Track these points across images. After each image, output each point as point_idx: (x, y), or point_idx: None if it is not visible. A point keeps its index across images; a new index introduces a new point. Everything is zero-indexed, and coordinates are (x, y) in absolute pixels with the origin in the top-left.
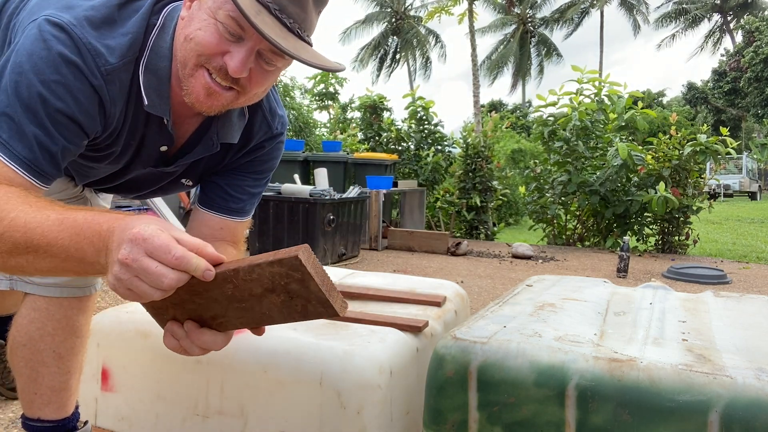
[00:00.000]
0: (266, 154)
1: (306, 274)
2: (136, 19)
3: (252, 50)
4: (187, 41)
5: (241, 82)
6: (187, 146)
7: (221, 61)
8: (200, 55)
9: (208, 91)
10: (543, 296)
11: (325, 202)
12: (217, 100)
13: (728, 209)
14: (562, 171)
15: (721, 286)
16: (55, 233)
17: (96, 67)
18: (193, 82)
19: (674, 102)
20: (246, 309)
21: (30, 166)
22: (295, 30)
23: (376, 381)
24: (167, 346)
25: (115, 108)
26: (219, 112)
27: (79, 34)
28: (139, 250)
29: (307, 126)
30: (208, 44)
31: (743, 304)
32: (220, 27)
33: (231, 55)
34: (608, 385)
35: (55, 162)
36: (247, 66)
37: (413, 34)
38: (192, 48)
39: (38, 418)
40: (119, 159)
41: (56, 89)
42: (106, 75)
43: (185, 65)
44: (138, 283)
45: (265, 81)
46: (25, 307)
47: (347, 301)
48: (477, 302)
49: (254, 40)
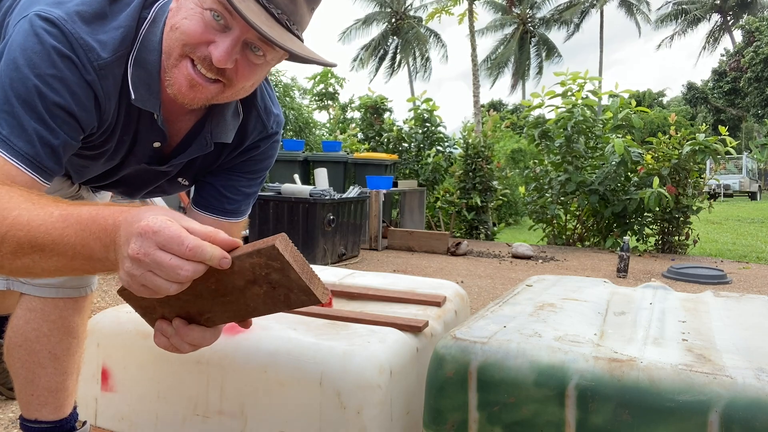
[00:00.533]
0: (261, 153)
1: (285, 263)
2: (127, 14)
3: (238, 40)
4: (173, 30)
5: (228, 74)
6: (181, 146)
7: (206, 50)
8: (185, 44)
9: (191, 82)
10: (543, 296)
11: (325, 202)
12: (200, 92)
13: (728, 209)
14: (561, 171)
15: (721, 286)
16: (60, 230)
17: (89, 62)
18: (176, 72)
19: (674, 102)
20: (231, 302)
21: (32, 161)
22: (283, 21)
23: (376, 381)
24: (158, 344)
25: (109, 104)
26: (203, 105)
27: (70, 29)
28: (150, 243)
29: (307, 126)
30: (193, 33)
31: (743, 304)
32: (206, 15)
33: (216, 45)
34: (608, 385)
35: (57, 157)
36: (232, 56)
37: (413, 34)
38: (177, 37)
39: (36, 419)
40: (114, 156)
41: (53, 83)
42: (99, 70)
43: (170, 55)
44: (152, 277)
45: (252, 74)
46: (21, 308)
47: (347, 301)
48: (477, 302)
49: (240, 29)
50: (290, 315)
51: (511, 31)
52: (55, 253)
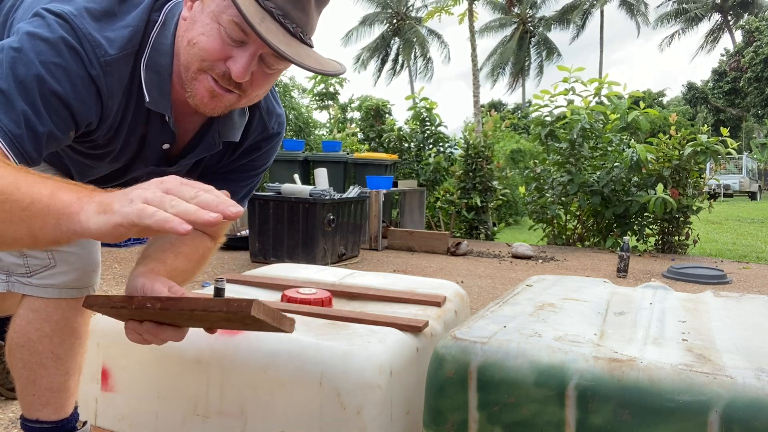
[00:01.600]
0: (263, 154)
1: (258, 320)
2: (136, 14)
3: (254, 55)
4: (191, 46)
5: (243, 85)
6: (190, 146)
7: (224, 66)
8: (204, 60)
9: (212, 94)
10: (543, 296)
11: (325, 202)
12: (220, 102)
13: (728, 209)
14: (563, 171)
15: (721, 286)
16: (31, 183)
17: (95, 57)
18: (197, 85)
19: (674, 102)
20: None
21: (13, 142)
22: (298, 34)
23: (376, 381)
24: (130, 339)
25: (113, 101)
26: (222, 113)
27: (78, 24)
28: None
29: (307, 126)
30: (212, 50)
31: (743, 304)
32: (222, 32)
33: (234, 60)
34: (608, 385)
35: (38, 144)
36: (249, 70)
37: (413, 35)
38: (196, 53)
39: (37, 419)
40: (119, 157)
41: (55, 71)
42: (105, 66)
43: (188, 69)
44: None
45: (266, 83)
46: (23, 309)
47: (347, 301)
48: (477, 302)
49: (257, 45)
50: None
51: (511, 31)
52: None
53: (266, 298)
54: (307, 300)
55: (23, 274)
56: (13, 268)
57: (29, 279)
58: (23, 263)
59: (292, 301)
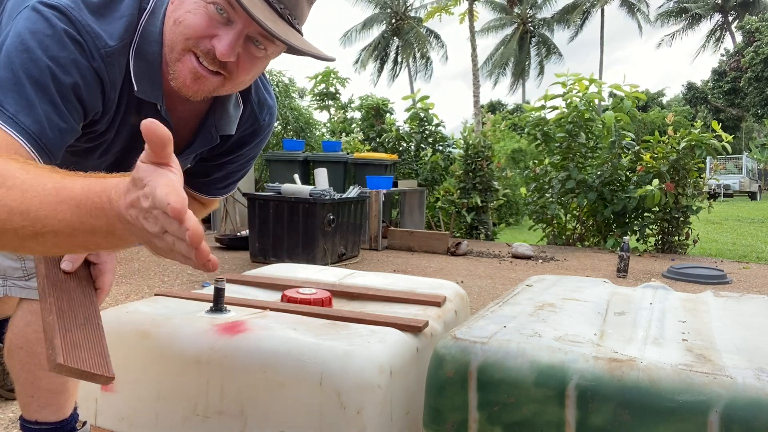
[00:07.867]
0: (255, 146)
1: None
2: (128, 3)
3: (240, 33)
4: (176, 25)
5: (229, 67)
6: (187, 141)
7: (209, 44)
8: (188, 38)
9: (195, 75)
10: (543, 296)
11: (325, 202)
12: (203, 85)
13: (728, 209)
14: (561, 170)
15: (721, 286)
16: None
17: (96, 48)
18: (180, 66)
19: (674, 102)
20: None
21: (36, 141)
22: (285, 16)
23: (376, 381)
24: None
25: (114, 92)
26: (204, 97)
27: (77, 16)
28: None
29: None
30: (197, 27)
31: (743, 304)
32: (210, 9)
33: (219, 38)
34: (608, 385)
35: (62, 141)
36: (235, 50)
37: (413, 35)
38: (180, 31)
39: (36, 421)
40: (109, 148)
41: (66, 65)
42: (106, 57)
43: (173, 49)
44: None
45: (252, 68)
46: (22, 310)
47: (347, 301)
48: (477, 302)
49: (243, 23)
50: (290, 315)
51: (511, 30)
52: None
53: (266, 298)
54: (307, 300)
55: (20, 278)
56: (11, 271)
57: (27, 282)
58: (20, 266)
59: (292, 301)
